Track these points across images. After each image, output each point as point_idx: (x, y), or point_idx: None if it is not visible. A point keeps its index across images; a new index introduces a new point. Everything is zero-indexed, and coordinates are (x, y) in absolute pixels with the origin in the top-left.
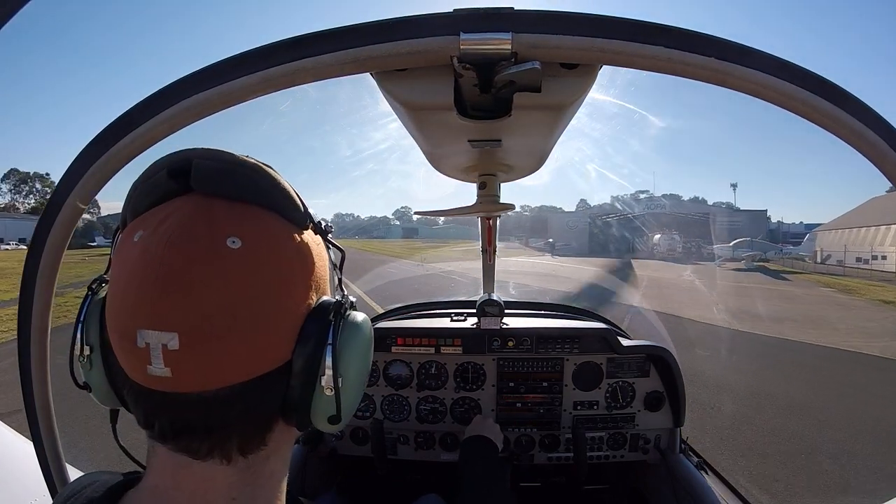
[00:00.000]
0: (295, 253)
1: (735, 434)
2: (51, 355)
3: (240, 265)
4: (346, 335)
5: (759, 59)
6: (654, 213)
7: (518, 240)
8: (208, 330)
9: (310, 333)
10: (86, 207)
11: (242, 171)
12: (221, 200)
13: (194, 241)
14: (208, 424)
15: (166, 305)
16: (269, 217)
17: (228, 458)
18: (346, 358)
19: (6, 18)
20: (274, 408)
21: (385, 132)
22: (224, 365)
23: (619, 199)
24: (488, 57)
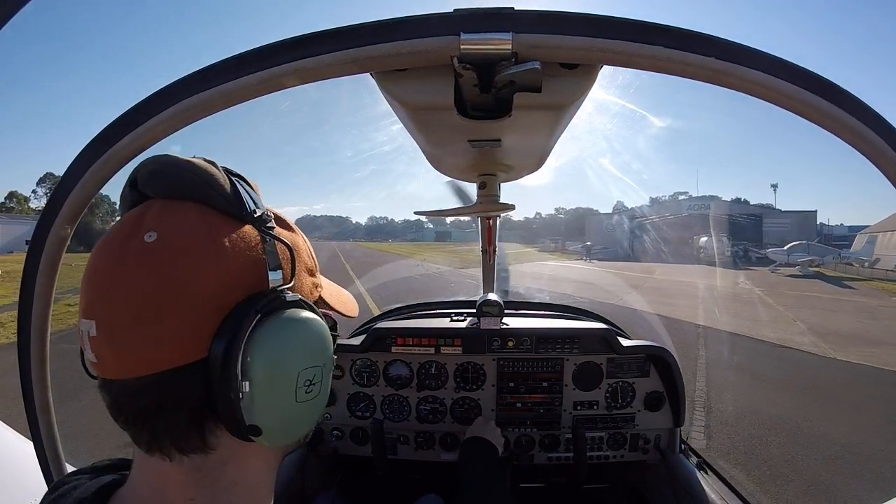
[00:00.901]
0: (220, 245)
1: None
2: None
3: (151, 258)
4: (267, 333)
5: (759, 59)
6: (698, 215)
7: (553, 242)
8: (119, 320)
9: (227, 329)
10: (86, 208)
11: (175, 170)
12: (162, 200)
13: (115, 239)
14: (135, 413)
15: (88, 297)
16: (198, 211)
17: (168, 454)
18: (259, 358)
19: (6, 18)
20: (196, 405)
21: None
22: (136, 355)
23: (657, 200)
24: (488, 57)
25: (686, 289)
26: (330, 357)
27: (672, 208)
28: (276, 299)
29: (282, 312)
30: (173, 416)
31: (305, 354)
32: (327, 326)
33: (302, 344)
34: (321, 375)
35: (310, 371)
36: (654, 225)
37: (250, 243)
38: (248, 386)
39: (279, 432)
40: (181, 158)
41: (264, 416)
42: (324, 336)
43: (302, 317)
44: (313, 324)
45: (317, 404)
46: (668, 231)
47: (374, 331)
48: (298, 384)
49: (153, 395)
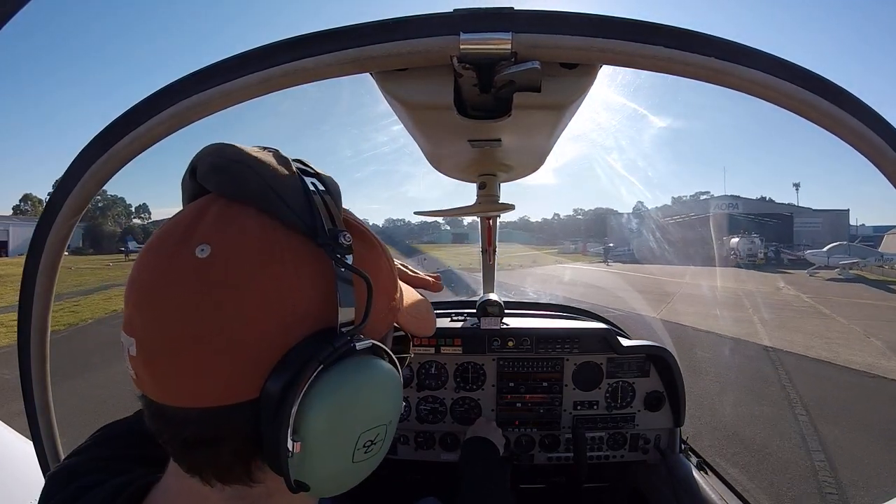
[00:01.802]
0: (283, 271)
1: None
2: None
3: (199, 279)
4: (328, 389)
5: (759, 59)
6: (724, 215)
7: (573, 244)
8: (159, 345)
9: (284, 373)
10: (86, 208)
11: (237, 168)
12: (222, 201)
13: (164, 246)
14: (176, 440)
15: (129, 310)
16: (260, 224)
17: (208, 481)
18: (315, 417)
19: (6, 18)
20: (242, 443)
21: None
22: (176, 386)
23: (680, 199)
24: (488, 57)
25: (728, 296)
26: (397, 410)
27: (697, 207)
28: (343, 346)
29: (348, 362)
30: (216, 452)
31: (370, 413)
32: (399, 372)
33: (368, 402)
34: (385, 433)
35: (372, 431)
36: (679, 225)
37: (320, 271)
38: (300, 446)
39: (330, 489)
40: (247, 152)
41: (314, 475)
42: (395, 389)
43: (372, 369)
44: (384, 377)
45: (373, 462)
46: (695, 231)
47: None
48: (357, 446)
49: (195, 428)
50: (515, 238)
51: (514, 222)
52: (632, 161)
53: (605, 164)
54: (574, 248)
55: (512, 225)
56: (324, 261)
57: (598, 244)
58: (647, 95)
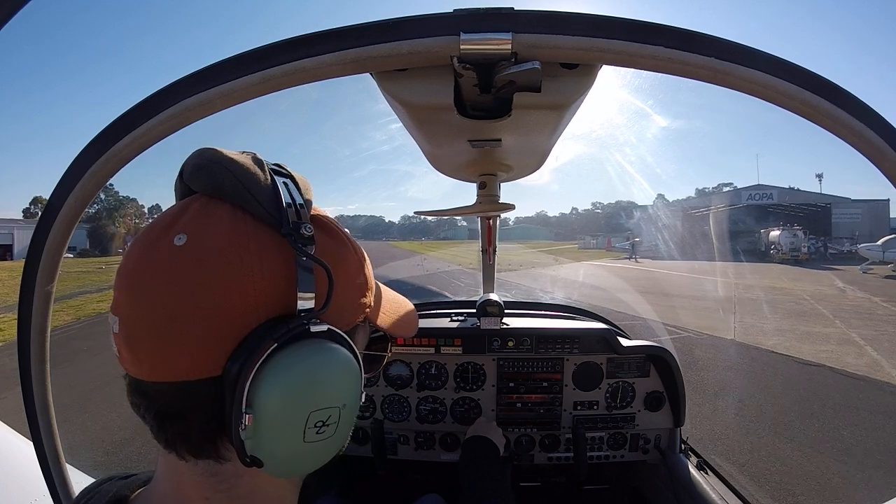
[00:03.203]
0: (248, 258)
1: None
2: (50, 356)
3: (174, 263)
4: (280, 366)
5: (759, 59)
6: (757, 206)
7: (594, 238)
8: (137, 323)
9: (240, 354)
10: (86, 208)
11: (215, 168)
12: (204, 199)
13: (147, 236)
14: (150, 412)
15: (116, 292)
16: (231, 217)
17: (182, 456)
18: (266, 393)
19: (6, 18)
20: (208, 419)
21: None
22: (150, 360)
23: (703, 191)
24: (488, 57)
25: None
26: (354, 397)
27: (725, 199)
28: (297, 328)
29: (302, 344)
30: (185, 425)
31: (320, 394)
32: (357, 361)
33: (318, 382)
34: (338, 417)
35: (323, 412)
36: (707, 218)
37: (282, 259)
38: (251, 419)
39: (283, 467)
40: (224, 154)
41: (266, 451)
42: (348, 374)
43: (324, 351)
44: (337, 360)
45: (329, 445)
46: (728, 224)
47: None
48: (308, 425)
49: (166, 402)
50: (533, 234)
51: (531, 217)
52: (646, 154)
53: (622, 158)
54: (595, 243)
55: (529, 220)
56: (288, 251)
57: (621, 239)
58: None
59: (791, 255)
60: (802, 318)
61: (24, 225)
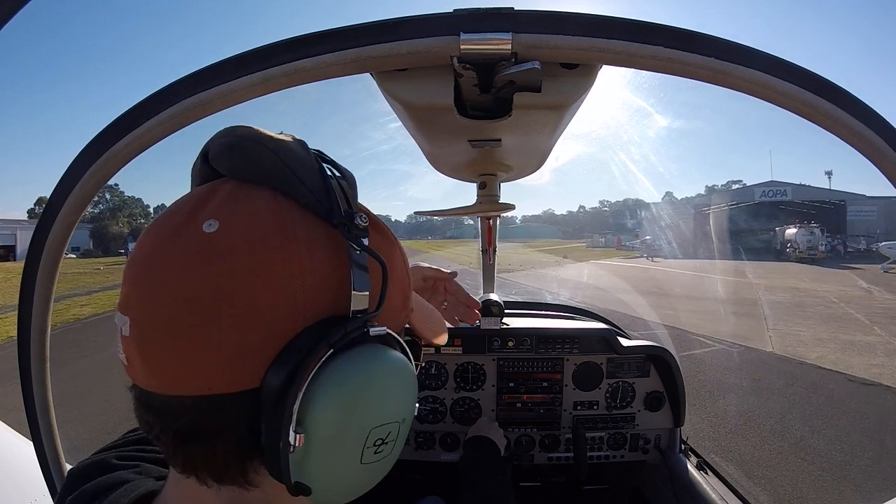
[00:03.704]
0: (295, 249)
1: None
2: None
3: (206, 252)
4: (339, 376)
5: (759, 59)
6: (770, 203)
7: (602, 237)
8: (155, 323)
9: (287, 360)
10: (86, 208)
11: (253, 146)
12: (235, 182)
13: (169, 221)
14: (167, 432)
15: (126, 288)
16: (275, 203)
17: (203, 481)
18: (323, 407)
19: (6, 18)
20: (239, 439)
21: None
22: (171, 370)
23: (713, 189)
24: (488, 57)
25: (822, 305)
26: (412, 409)
27: (738, 196)
28: (356, 331)
29: (360, 349)
30: (210, 447)
31: (382, 407)
32: (413, 367)
33: (380, 394)
34: (397, 432)
35: (384, 428)
36: (720, 215)
37: (335, 252)
38: (303, 439)
39: (333, 494)
40: (264, 133)
41: (317, 476)
42: (409, 383)
43: (386, 358)
44: (398, 367)
45: (385, 465)
46: (738, 222)
47: None
48: (367, 444)
49: (189, 420)
50: (539, 233)
51: (538, 216)
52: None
53: (627, 156)
54: (604, 241)
55: (536, 219)
56: (339, 244)
57: (631, 237)
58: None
59: (808, 253)
60: (839, 325)
61: (27, 225)
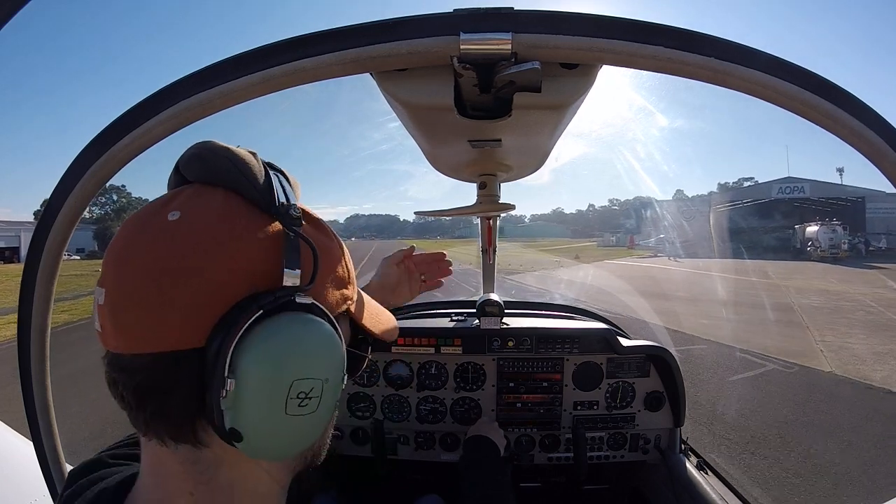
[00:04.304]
0: (239, 234)
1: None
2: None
3: (167, 234)
4: (265, 332)
5: (759, 59)
6: (787, 200)
7: (613, 235)
8: (124, 292)
9: (226, 323)
10: (86, 208)
11: (211, 155)
12: (197, 185)
13: (142, 214)
14: (129, 391)
15: (104, 266)
16: (225, 197)
17: (163, 439)
18: (250, 357)
19: (6, 18)
20: (187, 394)
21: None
22: (134, 330)
23: (726, 186)
24: (488, 57)
25: (858, 308)
26: (337, 373)
27: (753, 193)
28: (283, 298)
29: (287, 314)
30: (166, 401)
31: (304, 363)
32: (340, 339)
33: (302, 351)
34: (321, 391)
35: (306, 382)
36: (736, 212)
37: (271, 237)
38: (234, 384)
39: (262, 444)
40: (221, 145)
41: (246, 421)
42: (331, 348)
43: (309, 322)
44: (321, 332)
45: (312, 422)
46: (758, 219)
47: None
48: (290, 395)
49: (147, 374)
50: (549, 232)
51: (547, 214)
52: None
53: (636, 154)
54: (615, 240)
55: (545, 217)
56: (277, 232)
57: (644, 236)
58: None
59: (830, 252)
60: (889, 334)
61: (31, 227)
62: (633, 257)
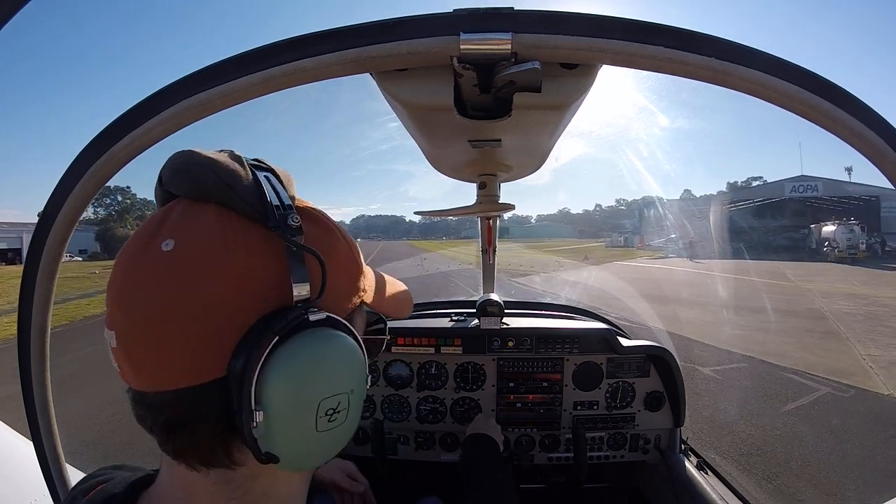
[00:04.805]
0: (238, 255)
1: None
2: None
3: (165, 270)
4: (285, 359)
5: (759, 59)
6: (799, 199)
7: (622, 236)
8: (134, 334)
9: (244, 349)
10: (86, 208)
11: (195, 168)
12: (186, 202)
13: (134, 246)
14: (156, 424)
15: (109, 307)
16: (217, 216)
17: (193, 466)
18: (274, 386)
19: (6, 19)
20: (218, 424)
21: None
22: (151, 370)
23: (735, 185)
24: (488, 57)
25: (895, 315)
26: (360, 380)
27: (770, 191)
28: (297, 319)
29: (303, 334)
30: (194, 434)
31: (328, 381)
32: (359, 345)
33: (324, 370)
34: (347, 402)
35: (333, 399)
36: (750, 212)
37: (273, 252)
38: (262, 415)
39: (299, 460)
40: (203, 154)
41: (280, 445)
42: (352, 359)
43: (327, 339)
44: (340, 346)
45: (341, 432)
46: (770, 219)
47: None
48: (319, 414)
49: (172, 411)
50: (555, 232)
51: (553, 215)
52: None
53: (641, 155)
54: (623, 240)
55: (551, 218)
56: (278, 244)
57: (653, 236)
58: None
59: (848, 253)
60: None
61: (32, 229)
62: (644, 258)
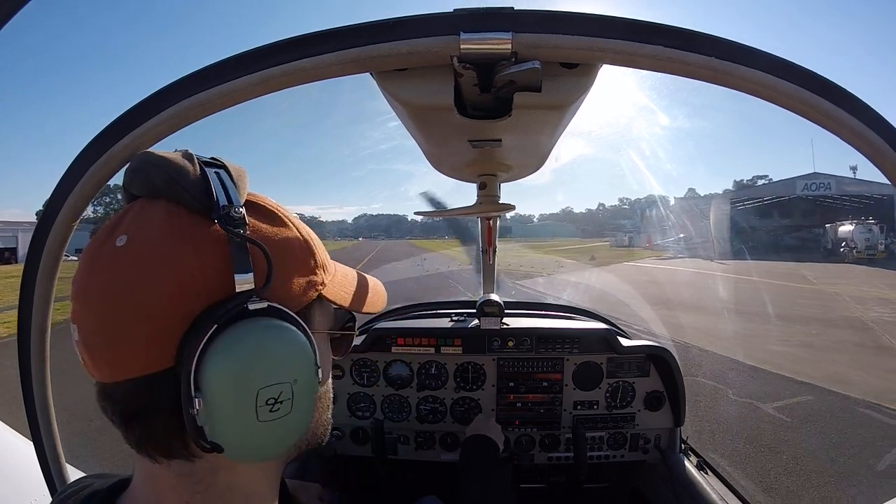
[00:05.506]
0: (183, 248)
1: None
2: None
3: (117, 264)
4: (222, 347)
5: (759, 59)
6: (812, 197)
7: (627, 235)
8: (91, 326)
9: (189, 340)
10: (86, 208)
11: (147, 167)
12: (143, 200)
13: (94, 243)
14: (116, 415)
15: (72, 300)
16: (166, 211)
17: (154, 458)
18: (212, 374)
19: (6, 19)
20: (170, 414)
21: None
22: (107, 360)
23: (741, 183)
24: (488, 57)
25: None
26: (307, 371)
27: (781, 189)
28: (236, 308)
29: (242, 323)
30: (150, 423)
31: (265, 370)
32: (304, 335)
33: (260, 358)
34: (291, 393)
35: (273, 388)
36: (759, 211)
37: (217, 244)
38: (202, 401)
39: (244, 450)
40: (156, 154)
41: (223, 433)
42: (296, 349)
43: (265, 328)
44: (279, 335)
45: (287, 424)
46: (780, 218)
47: (374, 331)
48: (259, 403)
49: (128, 400)
50: (559, 231)
51: (556, 214)
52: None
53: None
54: (628, 240)
55: (554, 217)
56: (223, 237)
57: (661, 236)
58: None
59: (867, 253)
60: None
61: (29, 227)
62: (652, 259)
